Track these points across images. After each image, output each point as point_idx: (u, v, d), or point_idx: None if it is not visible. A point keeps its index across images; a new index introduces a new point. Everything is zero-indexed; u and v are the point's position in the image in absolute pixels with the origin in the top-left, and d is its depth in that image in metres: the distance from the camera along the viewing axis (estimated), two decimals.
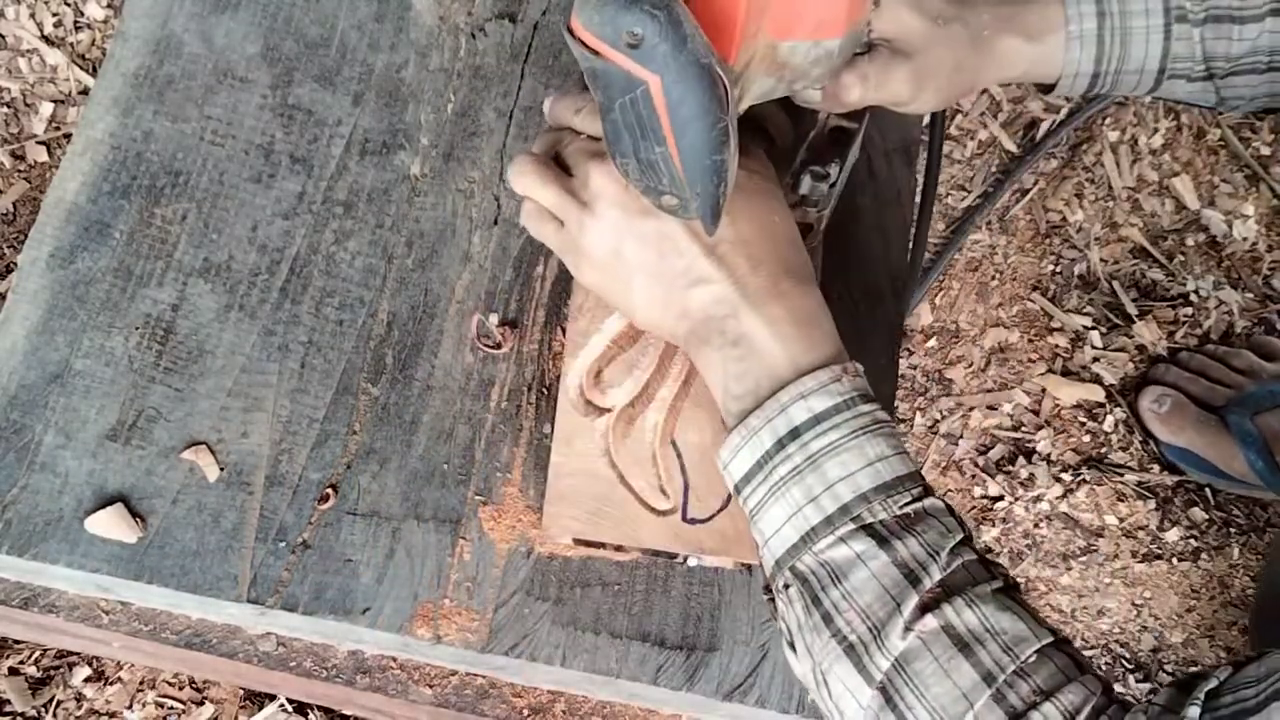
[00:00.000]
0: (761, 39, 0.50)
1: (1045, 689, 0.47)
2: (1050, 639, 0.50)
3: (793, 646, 0.53)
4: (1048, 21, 0.66)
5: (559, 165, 0.61)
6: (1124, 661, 1.17)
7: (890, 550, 0.50)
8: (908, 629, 0.49)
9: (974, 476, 1.21)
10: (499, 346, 0.72)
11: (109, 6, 1.22)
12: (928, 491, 0.53)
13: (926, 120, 0.80)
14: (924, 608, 0.49)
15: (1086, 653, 1.17)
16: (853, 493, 0.51)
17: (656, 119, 0.48)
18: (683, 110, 0.46)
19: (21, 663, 1.03)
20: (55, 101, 1.19)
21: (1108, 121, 1.33)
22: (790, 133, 0.66)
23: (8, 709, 1.00)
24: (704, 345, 0.56)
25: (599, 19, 0.45)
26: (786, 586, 0.53)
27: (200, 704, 1.04)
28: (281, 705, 1.02)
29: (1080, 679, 0.48)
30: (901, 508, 0.51)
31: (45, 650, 1.03)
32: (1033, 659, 0.48)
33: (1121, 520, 1.21)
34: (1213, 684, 0.46)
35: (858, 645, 0.50)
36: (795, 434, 0.52)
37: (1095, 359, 1.25)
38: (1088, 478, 1.21)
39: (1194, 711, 0.45)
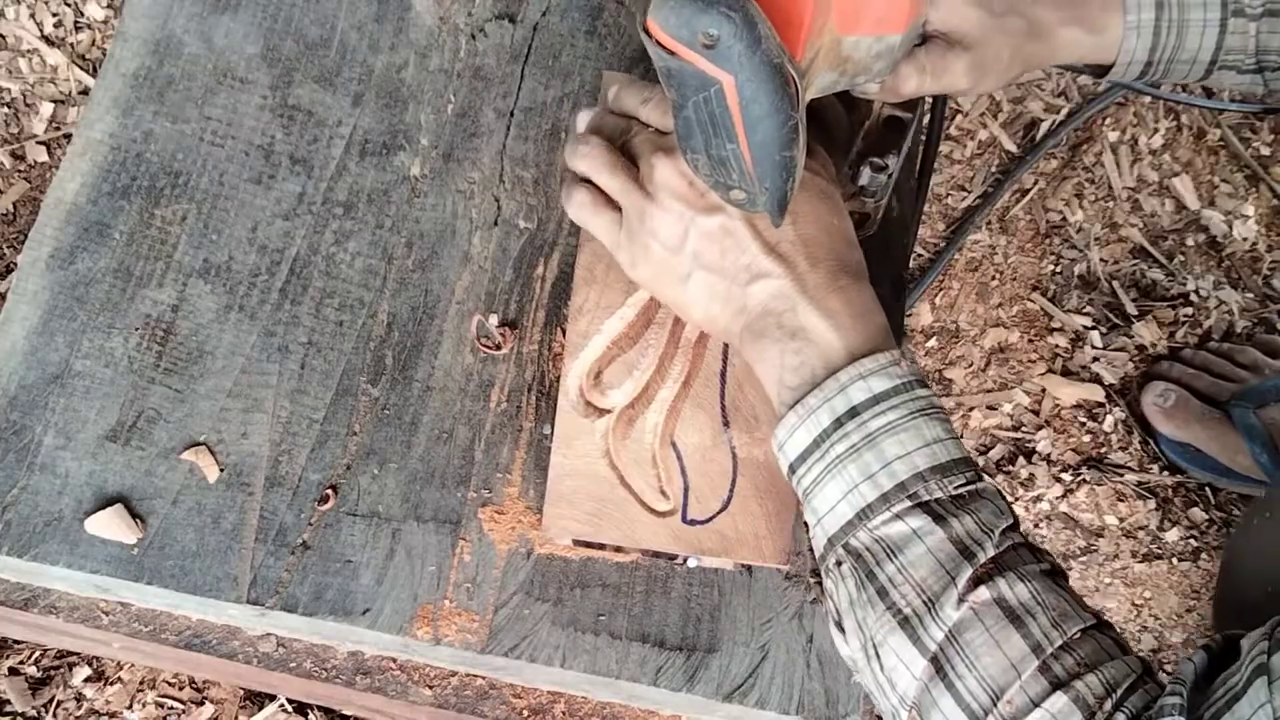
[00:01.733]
0: (826, 34, 0.51)
1: (1089, 662, 0.48)
2: (1094, 620, 0.51)
3: (840, 626, 0.54)
4: (1107, 13, 0.66)
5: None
6: None
7: (946, 527, 0.51)
8: (961, 600, 0.49)
9: None
10: (499, 347, 0.72)
11: (109, 6, 1.22)
12: (980, 476, 0.54)
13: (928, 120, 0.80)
14: (977, 580, 0.50)
15: None
16: (909, 471, 0.52)
17: (729, 117, 0.49)
18: (755, 108, 0.47)
19: (21, 663, 1.03)
20: (55, 101, 1.19)
21: (1108, 121, 1.33)
22: (846, 122, 0.66)
23: (8, 709, 1.00)
24: (760, 338, 0.57)
25: (675, 20, 0.46)
26: (839, 564, 0.53)
27: (200, 704, 1.04)
28: (281, 706, 1.02)
29: (1123, 658, 0.49)
30: (957, 488, 0.52)
31: (45, 650, 1.03)
32: (1078, 635, 0.49)
33: (1121, 520, 1.21)
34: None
35: (912, 618, 0.50)
36: (854, 413, 0.53)
37: (1095, 359, 1.25)
38: (1088, 478, 1.21)
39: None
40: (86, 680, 1.03)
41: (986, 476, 0.54)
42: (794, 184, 0.51)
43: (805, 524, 0.59)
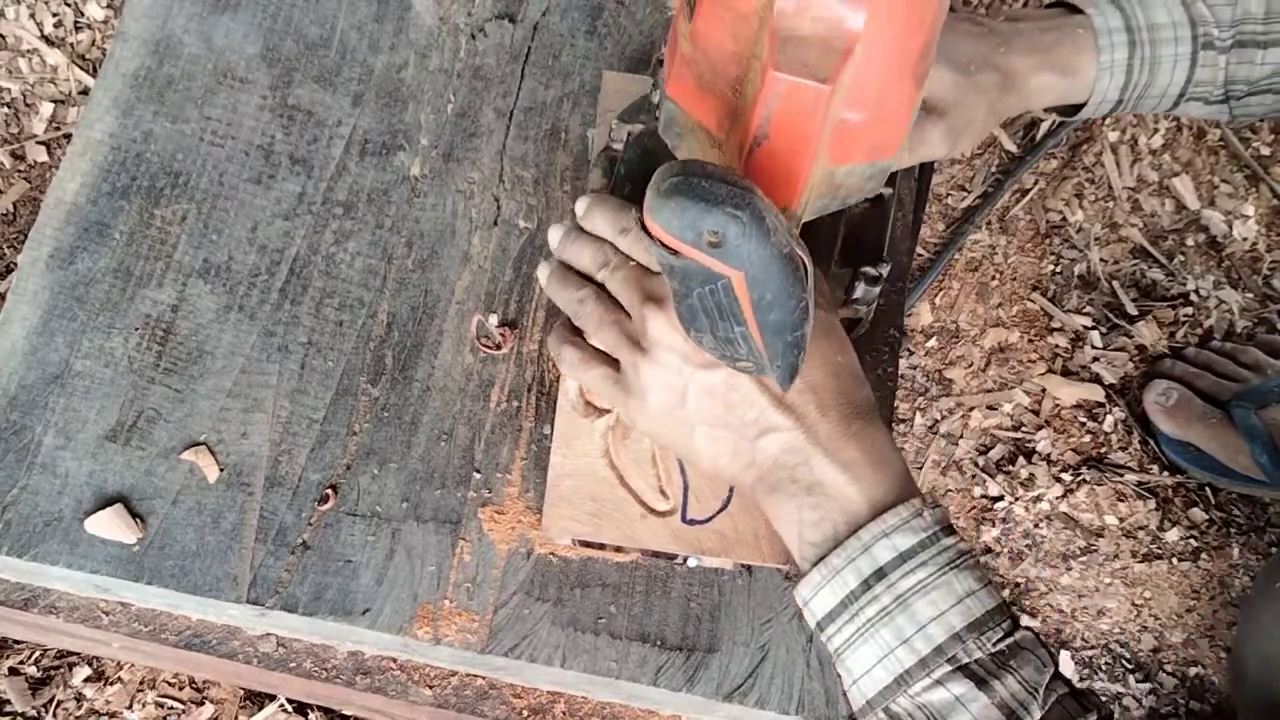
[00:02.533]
0: (819, 169, 0.50)
1: None
2: None
3: None
4: (1080, 55, 0.66)
5: (594, 283, 0.59)
6: (1124, 661, 1.17)
7: (989, 691, 0.50)
8: None
9: (974, 476, 1.21)
10: (499, 347, 0.71)
11: (109, 6, 1.22)
12: (1016, 623, 0.52)
13: None
14: None
15: (1086, 653, 1.17)
16: (946, 633, 0.50)
17: (738, 305, 0.47)
18: (766, 298, 0.45)
19: (21, 663, 1.03)
20: (55, 101, 1.19)
21: (1108, 122, 1.33)
22: (827, 216, 0.65)
23: (8, 709, 1.00)
24: (775, 492, 0.55)
25: (678, 222, 0.44)
26: None
27: (200, 704, 1.03)
28: (281, 706, 1.02)
29: None
30: (995, 644, 0.51)
31: (45, 650, 1.03)
32: None
33: (1121, 520, 1.21)
34: None
35: None
36: (881, 574, 0.51)
37: (1095, 359, 1.25)
38: (1088, 478, 1.21)
39: None
40: (86, 680, 1.03)
41: (1025, 629, 0.53)
42: (804, 354, 0.49)
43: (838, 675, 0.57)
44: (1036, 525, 1.20)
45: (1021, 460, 1.22)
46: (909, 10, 0.46)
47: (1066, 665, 1.15)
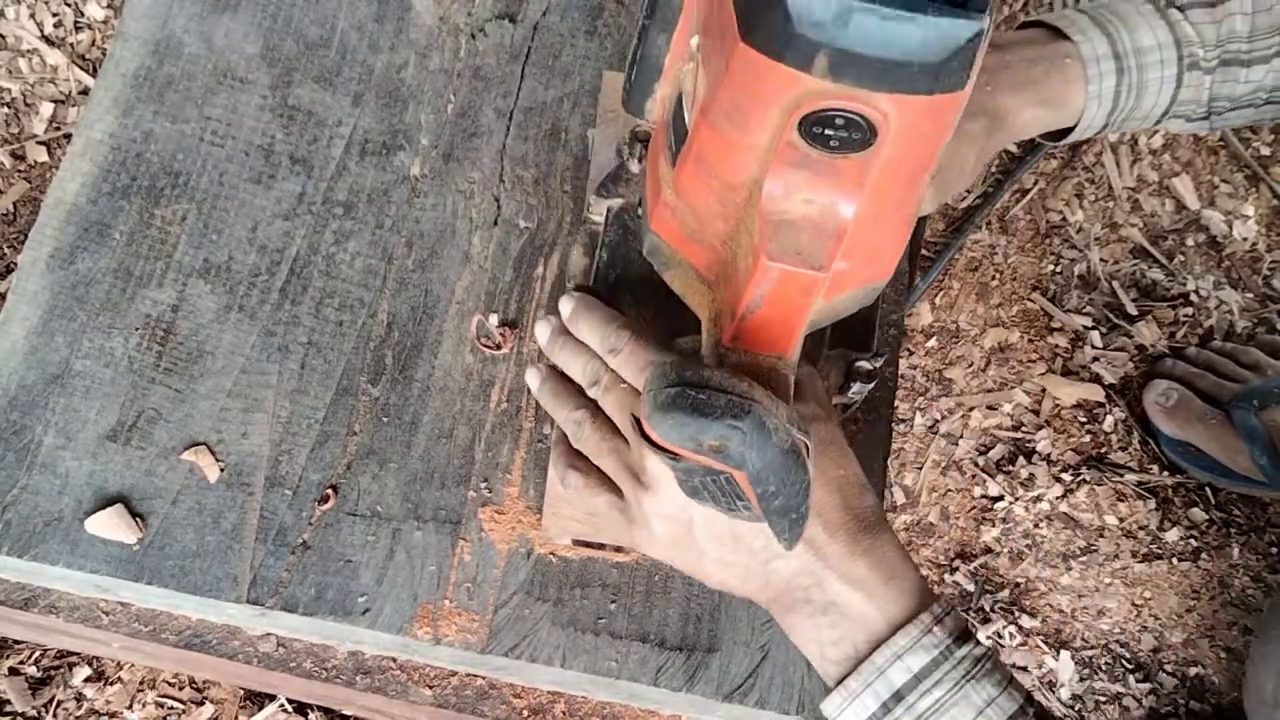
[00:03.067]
0: (815, 307, 0.49)
1: None
2: None
3: None
4: (1069, 86, 0.64)
5: (587, 399, 0.59)
6: (1124, 661, 1.17)
7: None
8: None
9: (974, 476, 1.21)
10: (499, 347, 0.71)
11: (109, 6, 1.22)
12: (1041, 715, 0.52)
13: None
14: None
15: (1086, 653, 1.17)
16: None
17: (741, 491, 0.46)
18: (770, 487, 0.45)
19: (21, 663, 1.02)
20: (55, 101, 1.19)
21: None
22: None
23: (8, 709, 1.00)
24: (791, 613, 0.55)
25: (678, 435, 0.43)
26: None
27: (200, 704, 1.03)
28: (281, 706, 1.02)
29: None
30: None
31: (45, 650, 1.03)
32: None
33: (1121, 520, 1.21)
34: None
35: None
36: (899, 696, 0.51)
37: (1095, 359, 1.25)
38: (1088, 478, 1.21)
39: None
40: (86, 680, 1.03)
41: (1047, 708, 0.53)
42: (807, 520, 0.48)
43: None
44: (1036, 525, 1.20)
45: (1021, 460, 1.22)
46: (904, 190, 0.45)
47: (1066, 665, 1.15)
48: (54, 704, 1.02)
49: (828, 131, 0.40)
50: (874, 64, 0.37)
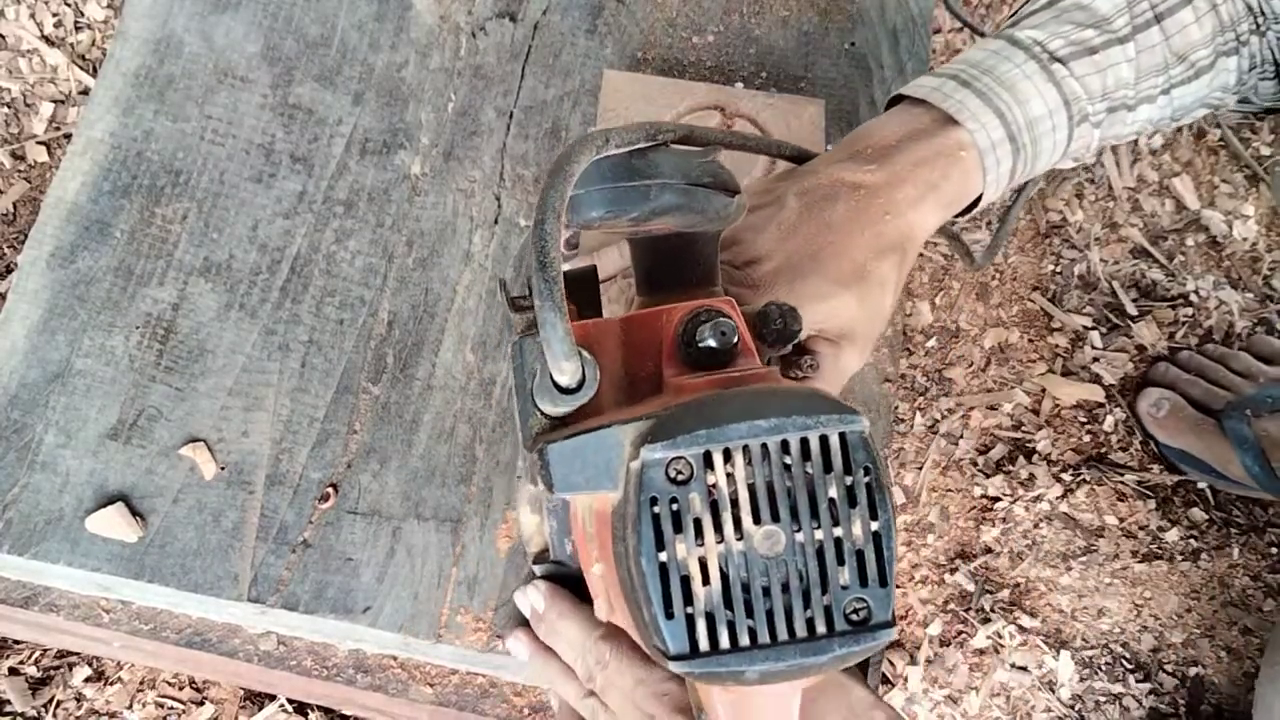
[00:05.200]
0: None
1: None
2: None
3: None
4: (968, 180, 0.60)
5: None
6: (1124, 661, 1.17)
7: None
8: None
9: (974, 476, 1.21)
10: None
11: (109, 6, 1.22)
12: None
13: None
14: None
15: (1086, 653, 1.17)
16: None
17: None
18: None
19: (21, 663, 1.02)
20: (55, 101, 1.19)
21: None
22: None
23: (8, 709, 1.00)
24: None
25: None
26: None
27: (200, 704, 1.03)
28: (281, 705, 1.02)
29: None
30: None
31: (45, 650, 1.03)
32: None
33: (1121, 520, 1.21)
34: None
35: None
36: None
37: (1095, 359, 1.25)
38: (1088, 478, 1.21)
39: None
40: (86, 680, 1.03)
41: None
42: None
43: None
44: (1036, 525, 1.20)
45: (1021, 460, 1.22)
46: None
47: (1066, 665, 1.15)
48: (54, 704, 1.02)
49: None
50: (791, 676, 0.38)
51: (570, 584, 0.61)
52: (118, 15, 1.20)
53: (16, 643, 1.03)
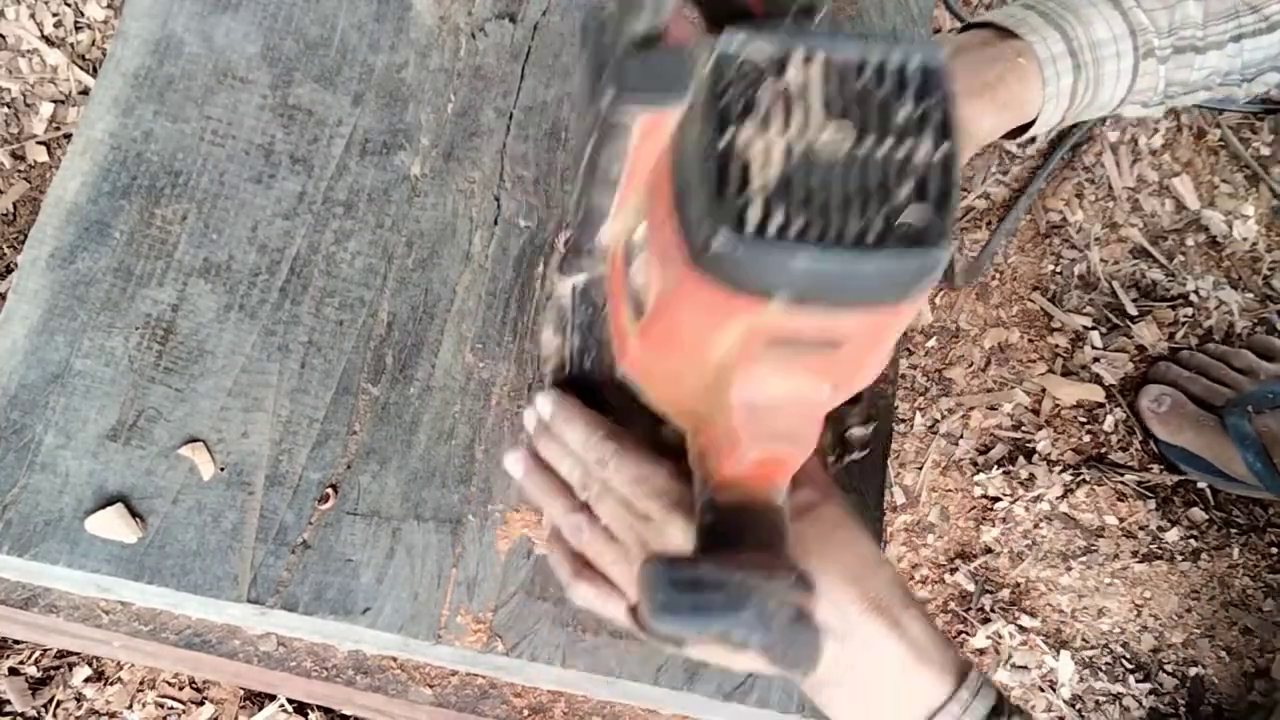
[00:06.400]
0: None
1: None
2: None
3: None
4: (1026, 87, 0.62)
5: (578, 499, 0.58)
6: (1124, 661, 1.17)
7: None
8: None
9: (974, 476, 1.21)
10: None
11: (109, 6, 1.22)
12: None
13: None
14: None
15: (1086, 653, 1.17)
16: None
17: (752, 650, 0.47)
18: (778, 651, 0.44)
19: (21, 663, 1.02)
20: (55, 101, 1.19)
21: (1107, 121, 1.33)
22: None
23: (8, 709, 1.00)
24: (824, 695, 0.55)
25: (680, 632, 0.42)
26: None
27: (200, 704, 1.03)
28: (281, 705, 1.02)
29: None
30: None
31: (45, 650, 1.03)
32: None
33: (1121, 520, 1.21)
34: None
35: None
36: None
37: (1095, 359, 1.25)
38: (1088, 478, 1.21)
39: None
40: (86, 680, 1.03)
41: None
42: (818, 656, 0.46)
43: None
44: (1036, 525, 1.20)
45: (1021, 460, 1.22)
46: (883, 352, 0.44)
47: (1066, 665, 1.15)
48: (54, 704, 1.02)
49: (792, 344, 0.39)
50: (832, 298, 0.37)
51: (583, 398, 0.61)
52: (118, 15, 1.20)
53: (16, 643, 1.03)
